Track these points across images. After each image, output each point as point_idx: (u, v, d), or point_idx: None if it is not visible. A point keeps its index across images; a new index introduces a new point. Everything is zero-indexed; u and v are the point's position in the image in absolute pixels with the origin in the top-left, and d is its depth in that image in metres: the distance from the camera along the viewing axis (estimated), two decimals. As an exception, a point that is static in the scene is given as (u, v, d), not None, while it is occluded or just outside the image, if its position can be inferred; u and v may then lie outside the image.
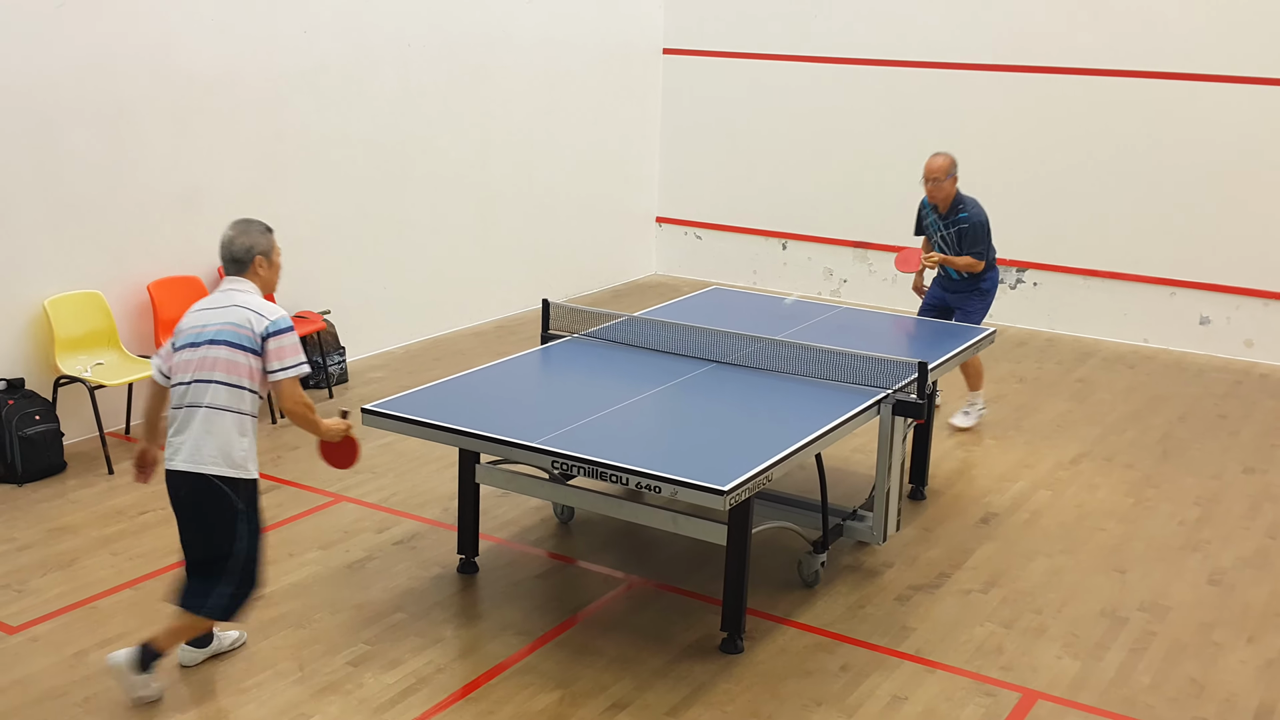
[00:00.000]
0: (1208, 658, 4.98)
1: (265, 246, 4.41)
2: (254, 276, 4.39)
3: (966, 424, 7.61)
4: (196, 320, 4.33)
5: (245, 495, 4.33)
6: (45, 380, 6.69)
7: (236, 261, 4.37)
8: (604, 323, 6.40)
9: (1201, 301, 9.42)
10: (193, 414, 4.27)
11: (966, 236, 7.18)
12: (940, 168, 7.14)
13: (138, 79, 7.01)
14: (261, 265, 4.40)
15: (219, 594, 4.36)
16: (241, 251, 4.36)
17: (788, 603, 5.32)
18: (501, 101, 9.59)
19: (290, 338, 4.28)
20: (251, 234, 4.40)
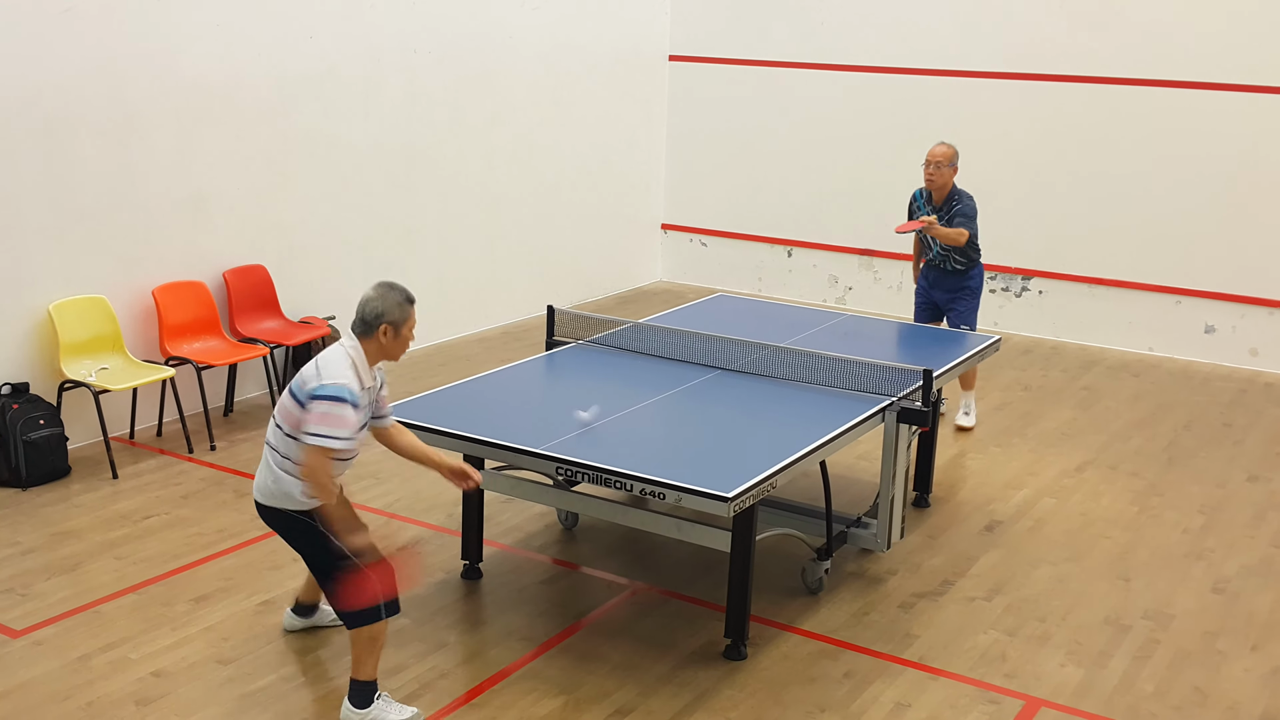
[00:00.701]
0: (1212, 666, 4.97)
1: (397, 318, 4.25)
2: (373, 343, 4.24)
3: (970, 423, 7.68)
4: None
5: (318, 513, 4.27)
6: (50, 385, 6.70)
7: (364, 323, 4.23)
8: (609, 329, 6.40)
9: (1207, 310, 9.41)
10: (266, 453, 4.33)
11: (960, 221, 7.22)
12: (944, 154, 7.28)
13: (143, 84, 7.03)
14: (386, 334, 4.24)
15: None
16: (372, 316, 4.22)
17: (791, 609, 5.32)
18: (507, 107, 9.60)
19: (328, 406, 4.06)
20: (388, 301, 4.23)
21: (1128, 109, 9.43)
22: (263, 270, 7.76)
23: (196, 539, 5.84)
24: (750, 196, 11.16)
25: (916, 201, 7.53)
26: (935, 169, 7.27)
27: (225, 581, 5.42)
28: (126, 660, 4.76)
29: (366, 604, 4.20)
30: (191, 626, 5.03)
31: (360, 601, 4.20)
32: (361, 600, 4.19)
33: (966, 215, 7.26)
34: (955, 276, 7.46)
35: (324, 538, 4.26)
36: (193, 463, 6.80)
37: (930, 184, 7.32)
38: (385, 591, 4.22)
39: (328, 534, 4.25)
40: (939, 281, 7.52)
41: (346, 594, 4.20)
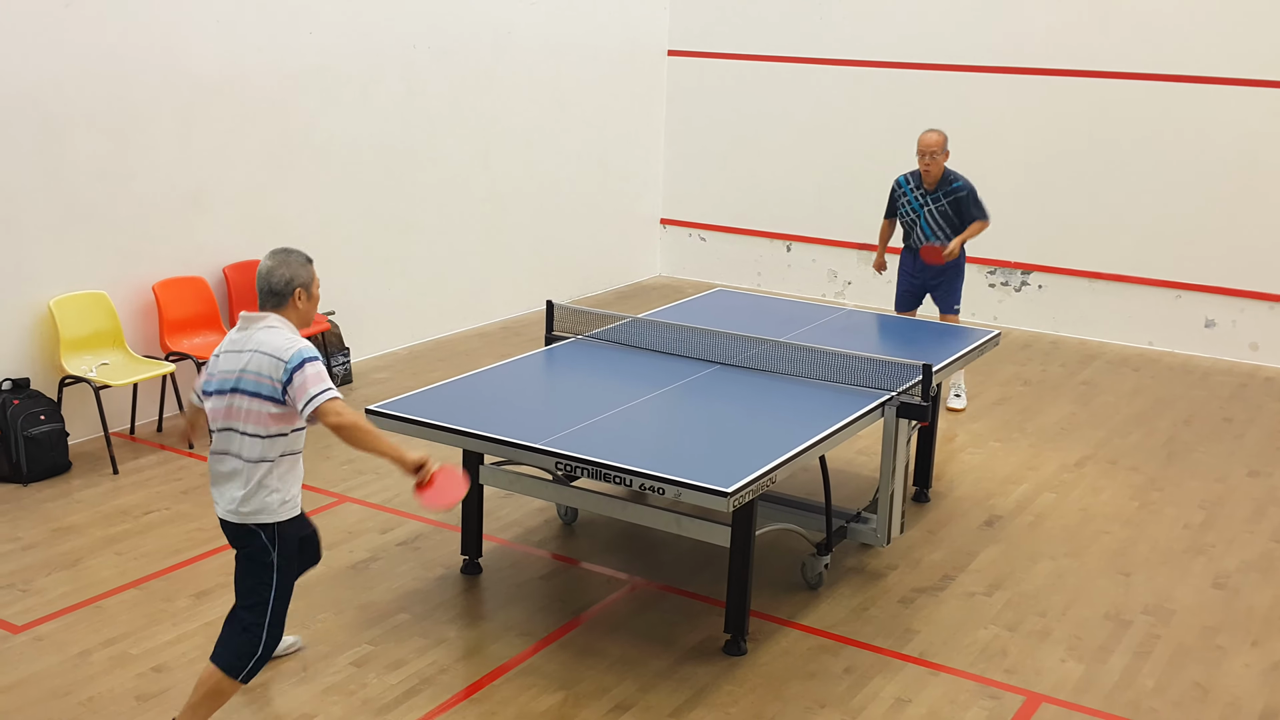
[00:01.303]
0: (1212, 661, 4.98)
1: (306, 279, 4.07)
2: (291, 310, 4.06)
3: (962, 405, 7.88)
4: (225, 365, 4.04)
5: (280, 539, 4.11)
6: (50, 380, 6.70)
7: (275, 294, 4.03)
8: (608, 324, 6.40)
9: (1207, 304, 9.40)
10: (223, 463, 4.08)
11: (964, 204, 7.51)
12: (937, 141, 7.47)
13: (143, 81, 7.02)
14: (300, 298, 4.06)
15: None
16: (281, 284, 4.02)
17: (791, 605, 5.32)
18: (506, 103, 9.59)
19: (309, 368, 3.90)
20: (292, 265, 4.04)
21: (1128, 103, 9.42)
22: (262, 265, 7.75)
23: (197, 534, 5.84)
24: (749, 191, 11.15)
25: (903, 188, 7.66)
26: (931, 159, 7.44)
27: (226, 577, 5.42)
28: (127, 655, 4.77)
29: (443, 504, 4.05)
30: (192, 622, 5.03)
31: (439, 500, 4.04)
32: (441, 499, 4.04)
33: (977, 204, 7.54)
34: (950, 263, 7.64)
35: (273, 576, 4.10)
36: (193, 458, 6.80)
37: (927, 174, 7.48)
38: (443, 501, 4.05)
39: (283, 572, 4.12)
40: (926, 266, 7.65)
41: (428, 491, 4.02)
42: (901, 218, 7.71)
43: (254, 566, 4.13)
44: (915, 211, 7.59)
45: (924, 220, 7.55)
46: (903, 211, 7.67)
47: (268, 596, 4.11)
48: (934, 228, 7.55)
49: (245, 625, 4.10)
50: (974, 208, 7.53)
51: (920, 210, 7.56)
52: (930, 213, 7.53)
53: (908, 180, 7.64)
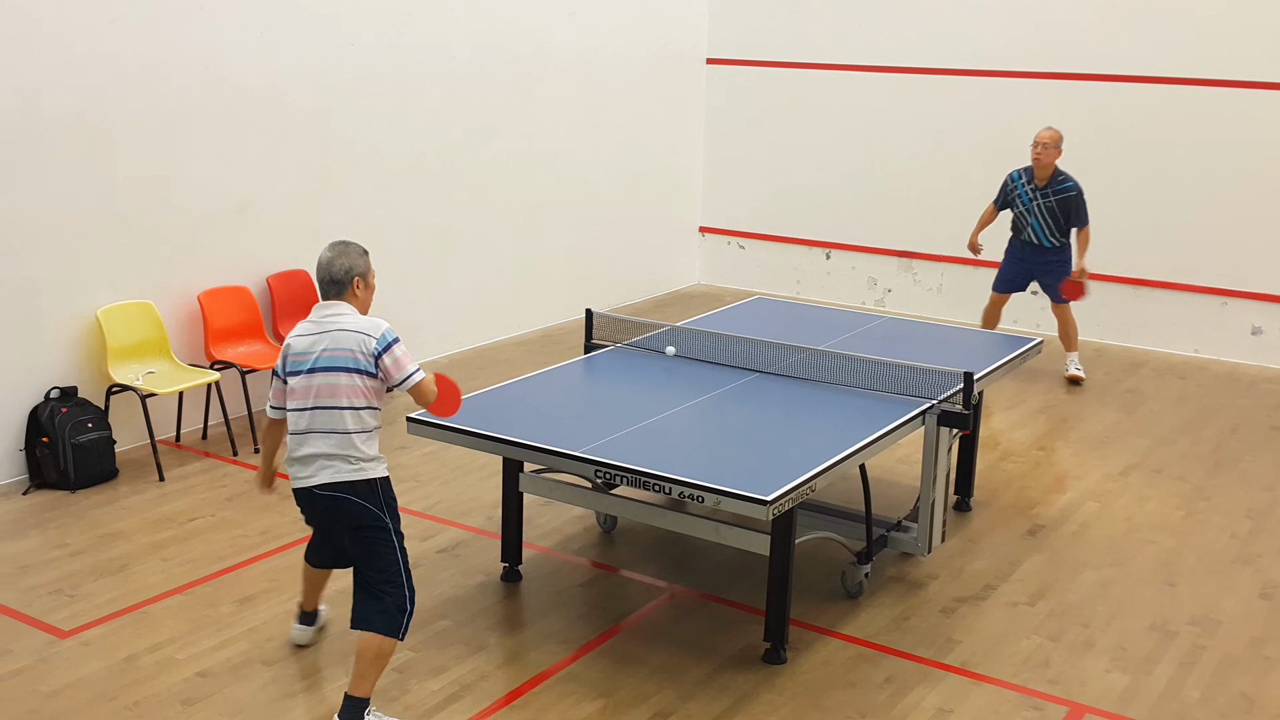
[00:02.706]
0: (1259, 673, 4.90)
1: (363, 269, 4.41)
2: (351, 298, 4.39)
3: (1081, 373, 8.53)
4: (301, 346, 4.35)
5: (385, 496, 4.39)
6: (98, 389, 6.80)
7: (335, 283, 4.37)
8: (647, 332, 6.41)
9: (1253, 311, 9.28)
10: (312, 440, 4.32)
11: (1072, 203, 8.13)
12: (1051, 137, 8.09)
13: (188, 92, 7.12)
14: (359, 287, 4.40)
15: None
16: (341, 273, 4.36)
17: (831, 614, 5.30)
18: (545, 112, 9.64)
19: (398, 349, 4.30)
20: (350, 256, 4.39)
21: (1172, 108, 9.32)
22: (305, 275, 7.84)
23: (241, 541, 5.90)
24: (788, 198, 11.13)
25: (1015, 183, 8.24)
26: (1043, 150, 8.06)
27: (270, 583, 5.48)
28: (173, 660, 4.83)
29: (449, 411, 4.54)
30: (236, 627, 5.09)
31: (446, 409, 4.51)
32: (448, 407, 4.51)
33: (1082, 206, 8.16)
34: (1054, 251, 8.31)
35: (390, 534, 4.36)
36: (237, 465, 6.87)
37: (1037, 163, 8.10)
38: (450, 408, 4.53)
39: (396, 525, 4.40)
40: (1035, 256, 8.37)
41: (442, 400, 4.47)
42: (1013, 209, 8.35)
43: (369, 535, 4.36)
44: (1026, 206, 8.13)
45: (1033, 215, 8.07)
46: (1014, 205, 8.32)
47: (394, 558, 4.37)
48: (1041, 222, 8.07)
49: (386, 591, 4.34)
50: (1079, 210, 8.11)
51: (1030, 205, 8.08)
52: (1039, 207, 8.06)
53: (1020, 175, 8.21)
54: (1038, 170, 8.10)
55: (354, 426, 4.29)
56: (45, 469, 6.44)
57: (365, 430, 4.32)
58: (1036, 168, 8.12)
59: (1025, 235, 8.35)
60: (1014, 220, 8.44)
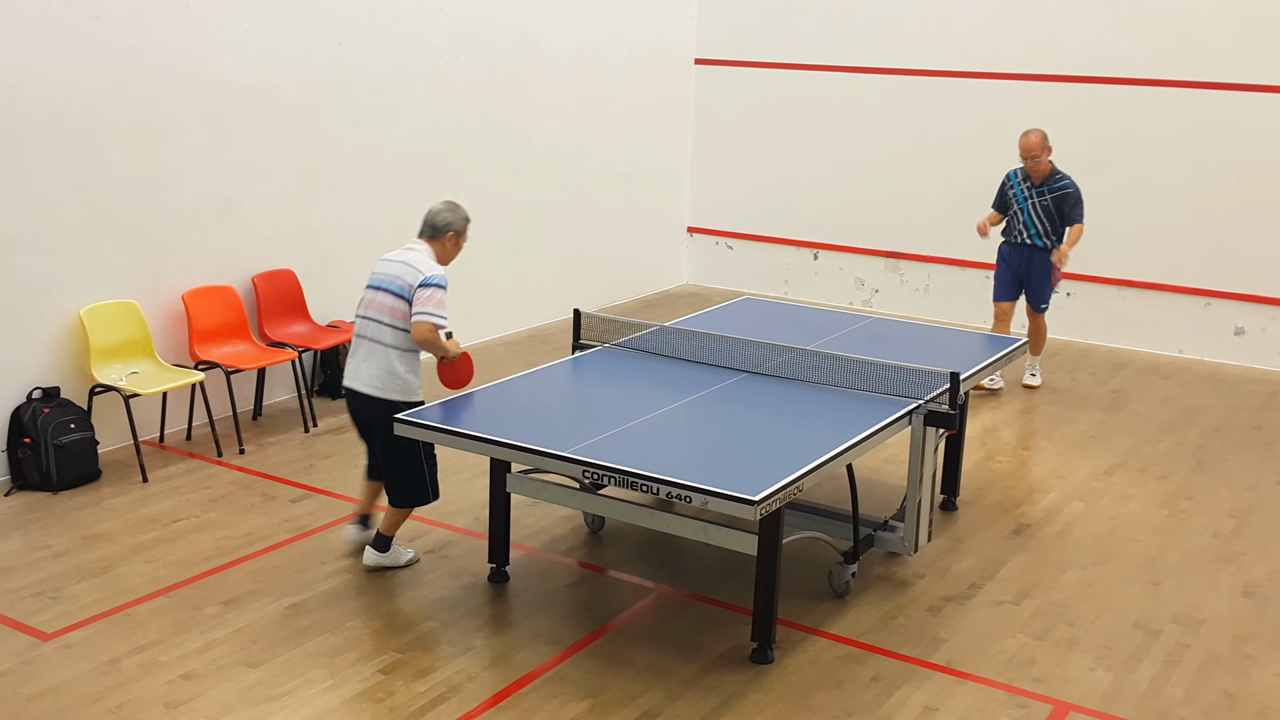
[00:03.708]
0: (1242, 671, 4.93)
1: (459, 228, 5.39)
2: (438, 246, 5.36)
3: (1036, 383, 8.34)
4: (379, 268, 5.35)
5: None
6: (80, 389, 6.77)
7: (433, 227, 5.37)
8: (635, 333, 6.41)
9: (1237, 312, 9.33)
10: (361, 344, 5.34)
11: (1069, 200, 7.96)
12: (1037, 144, 7.91)
13: (173, 91, 7.09)
14: (449, 240, 5.38)
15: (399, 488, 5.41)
16: (441, 223, 5.35)
17: (818, 613, 5.31)
18: (534, 111, 9.63)
19: (437, 293, 5.17)
20: (456, 214, 5.39)
21: (1157, 110, 9.37)
22: (291, 275, 7.81)
23: (226, 542, 5.88)
24: (776, 199, 11.15)
25: (1011, 181, 8.13)
26: (1034, 162, 7.92)
27: (254, 585, 5.46)
28: (157, 663, 4.80)
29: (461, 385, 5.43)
30: (221, 629, 5.06)
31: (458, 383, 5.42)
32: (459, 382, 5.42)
33: (1078, 204, 7.95)
34: (1047, 252, 8.10)
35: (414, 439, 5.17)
36: (222, 466, 6.85)
37: (1032, 172, 7.97)
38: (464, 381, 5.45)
39: None
40: (1029, 259, 8.15)
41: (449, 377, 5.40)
42: (1007, 208, 8.18)
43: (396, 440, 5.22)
44: (1021, 205, 8.02)
45: (1026, 213, 7.98)
46: (1010, 204, 8.15)
47: (417, 457, 5.36)
48: (1035, 221, 7.96)
49: (403, 474, 5.37)
50: (1075, 207, 7.93)
51: (1024, 203, 7.98)
52: (1034, 206, 7.95)
53: (1017, 174, 8.11)
54: (1034, 174, 8.03)
55: (390, 341, 5.22)
56: (27, 470, 6.41)
57: (400, 348, 5.22)
58: (1033, 175, 8.03)
59: (1017, 235, 8.18)
60: (1007, 221, 8.27)
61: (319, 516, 6.18)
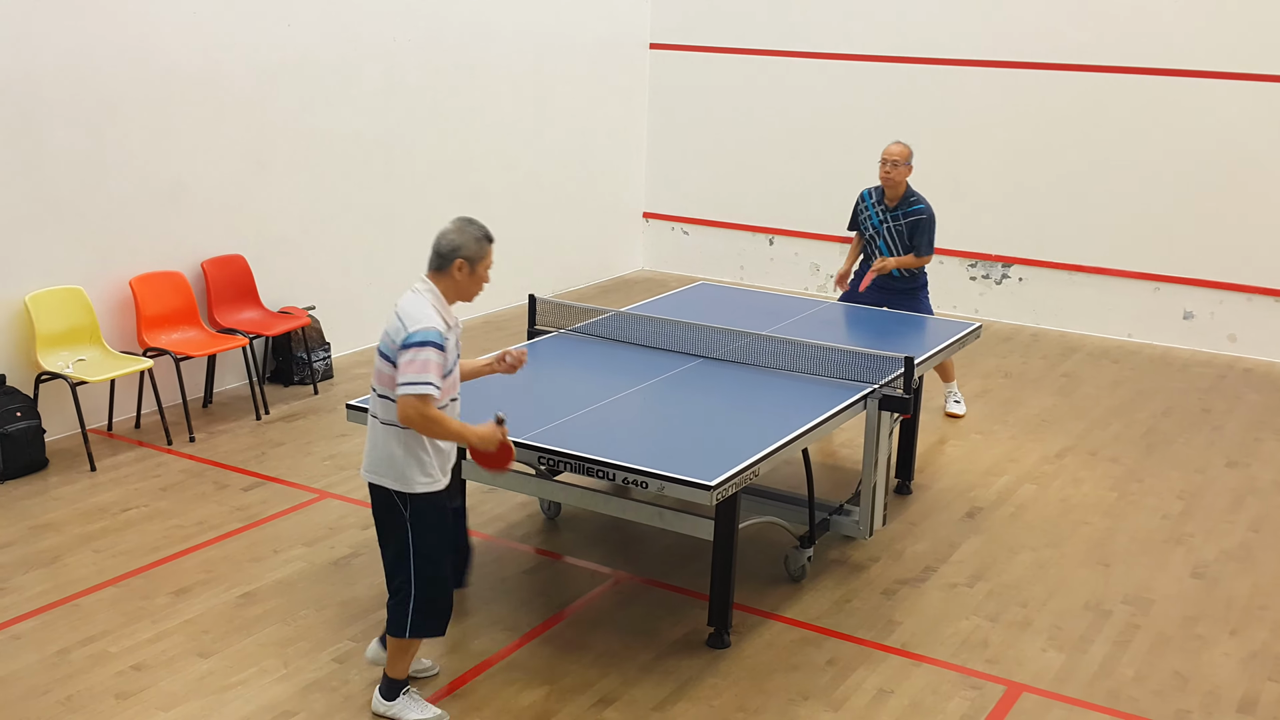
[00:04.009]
0: (1191, 651, 5.00)
1: (473, 253, 4.13)
2: (448, 278, 4.15)
3: (962, 410, 7.74)
4: None
5: (413, 506, 4.16)
6: (26, 376, 6.65)
7: (440, 256, 4.14)
8: (591, 318, 6.39)
9: (1185, 297, 9.45)
10: (369, 423, 4.24)
11: (920, 227, 7.14)
12: (901, 153, 7.13)
13: (120, 74, 6.97)
14: (461, 269, 4.13)
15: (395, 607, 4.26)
16: (446, 248, 4.12)
17: (774, 597, 5.32)
18: (487, 96, 9.56)
19: (421, 353, 3.96)
20: (465, 234, 4.13)
21: (1108, 97, 9.46)
22: (241, 260, 7.71)
23: (176, 531, 5.80)
24: (732, 185, 11.15)
25: (865, 203, 7.32)
26: (892, 167, 7.09)
27: (205, 574, 5.39)
28: (106, 654, 4.73)
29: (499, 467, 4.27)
30: (171, 619, 5.00)
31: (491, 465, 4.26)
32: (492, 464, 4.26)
33: (928, 233, 7.14)
34: (905, 280, 7.28)
35: (409, 536, 4.17)
36: (172, 455, 6.76)
37: (886, 181, 7.15)
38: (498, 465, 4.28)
39: (419, 534, 4.18)
40: (887, 287, 7.25)
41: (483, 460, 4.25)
42: (862, 233, 7.35)
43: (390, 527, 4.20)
44: (876, 229, 7.24)
45: (882, 238, 7.22)
46: (864, 227, 7.32)
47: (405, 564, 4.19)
48: (891, 248, 7.21)
49: (399, 586, 4.23)
50: (924, 235, 7.12)
51: (880, 228, 7.22)
52: (889, 230, 7.19)
53: (871, 194, 7.29)
54: (888, 190, 7.15)
55: (382, 415, 4.12)
56: (-27, 459, 6.30)
57: (396, 425, 4.06)
58: (887, 186, 7.14)
59: (872, 262, 7.25)
60: (864, 246, 7.38)
61: (271, 505, 6.12)
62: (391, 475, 4.14)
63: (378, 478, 4.17)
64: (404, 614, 4.21)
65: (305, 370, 7.94)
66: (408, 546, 4.18)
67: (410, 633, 4.23)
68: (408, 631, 4.22)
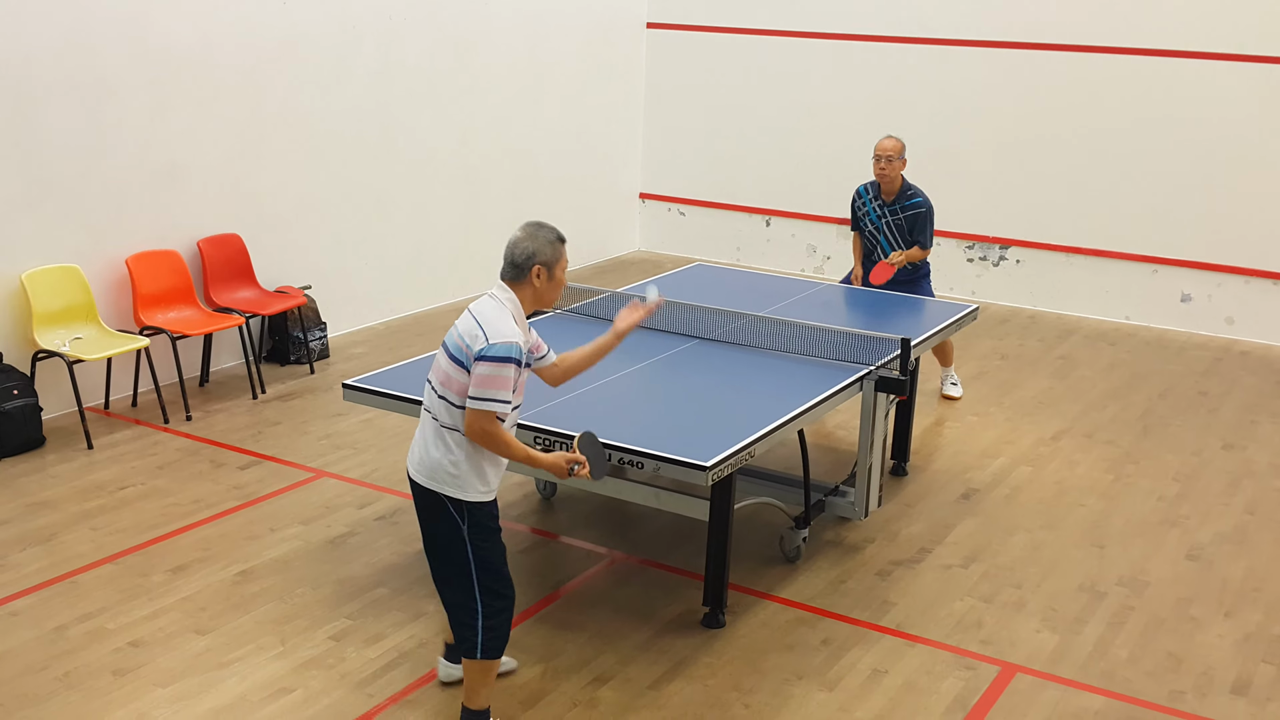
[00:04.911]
0: (1185, 632, 5.02)
1: (549, 257, 3.96)
2: (527, 286, 3.96)
3: (959, 393, 7.73)
4: (459, 320, 3.99)
5: (470, 517, 3.97)
6: (23, 355, 6.64)
7: (515, 266, 3.94)
8: (587, 299, 6.38)
9: (1183, 279, 9.45)
10: (423, 416, 4.04)
11: (920, 221, 7.13)
12: (895, 148, 7.06)
13: (116, 53, 6.94)
14: (540, 276, 3.95)
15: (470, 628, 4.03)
16: (522, 257, 3.93)
17: (769, 578, 5.34)
18: (484, 75, 9.53)
19: (503, 369, 3.79)
20: (539, 240, 3.95)
21: (1106, 78, 9.43)
22: (237, 239, 7.70)
23: (173, 509, 5.81)
24: (728, 166, 11.12)
25: (863, 199, 7.28)
26: (887, 163, 7.04)
27: (202, 552, 5.40)
28: (103, 630, 4.75)
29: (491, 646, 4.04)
30: (169, 597, 5.01)
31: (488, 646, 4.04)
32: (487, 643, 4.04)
33: (928, 225, 7.15)
34: (909, 271, 7.26)
35: (468, 549, 3.98)
36: (168, 433, 6.76)
37: (881, 177, 7.10)
38: None
39: (478, 545, 3.99)
40: (892, 279, 7.19)
41: None
42: (862, 231, 7.32)
43: (445, 539, 4.00)
44: (876, 225, 7.20)
45: (883, 234, 7.18)
46: (864, 225, 7.29)
47: (468, 573, 3.99)
48: (892, 244, 7.18)
49: (461, 604, 4.03)
50: (926, 227, 7.13)
51: (880, 224, 7.18)
52: (889, 225, 7.16)
53: (867, 190, 7.26)
54: (884, 185, 7.12)
55: (445, 419, 3.90)
56: (-31, 437, 6.30)
57: (458, 429, 3.88)
58: (883, 182, 7.11)
59: (876, 258, 7.25)
60: (866, 244, 7.34)
61: (268, 483, 6.13)
62: (450, 483, 3.93)
63: (434, 483, 3.95)
64: (474, 632, 3.99)
65: (301, 349, 7.94)
66: (468, 560, 3.97)
67: (482, 653, 4.00)
68: (479, 652, 3.99)
